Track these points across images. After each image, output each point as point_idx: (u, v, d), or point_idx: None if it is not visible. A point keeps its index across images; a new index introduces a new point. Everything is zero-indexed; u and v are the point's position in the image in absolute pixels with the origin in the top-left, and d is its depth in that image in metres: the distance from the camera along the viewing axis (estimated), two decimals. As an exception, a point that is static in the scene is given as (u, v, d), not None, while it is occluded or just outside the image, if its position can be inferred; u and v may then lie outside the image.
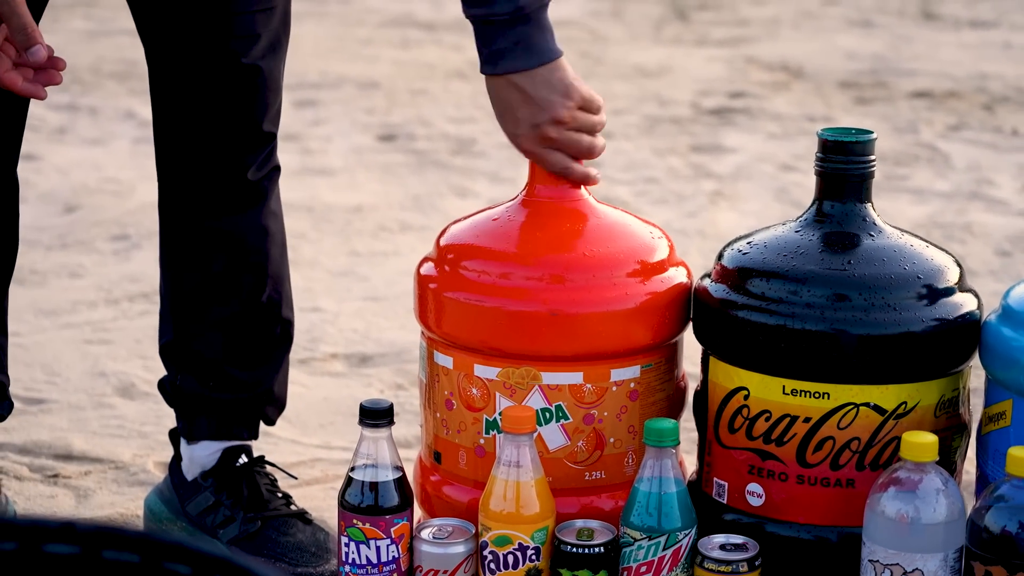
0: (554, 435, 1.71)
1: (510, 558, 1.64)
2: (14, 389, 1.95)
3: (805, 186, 3.59)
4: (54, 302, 2.82)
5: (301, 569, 1.85)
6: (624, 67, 4.77)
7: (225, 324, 1.89)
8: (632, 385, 1.72)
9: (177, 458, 1.95)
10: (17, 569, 0.94)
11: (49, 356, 2.57)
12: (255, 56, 1.80)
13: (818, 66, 4.75)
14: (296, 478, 2.04)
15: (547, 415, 1.70)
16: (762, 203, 3.46)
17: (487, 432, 1.73)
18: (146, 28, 1.83)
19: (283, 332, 1.93)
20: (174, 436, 1.96)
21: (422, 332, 1.79)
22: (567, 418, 1.71)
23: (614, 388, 1.71)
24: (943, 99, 4.36)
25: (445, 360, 1.75)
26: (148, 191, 3.39)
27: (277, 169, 1.90)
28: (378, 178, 3.63)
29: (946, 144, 3.92)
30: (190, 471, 1.93)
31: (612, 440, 1.73)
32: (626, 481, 1.70)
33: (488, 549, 1.65)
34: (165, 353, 1.93)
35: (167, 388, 1.94)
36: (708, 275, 1.75)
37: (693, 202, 3.46)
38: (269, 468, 1.95)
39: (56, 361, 2.55)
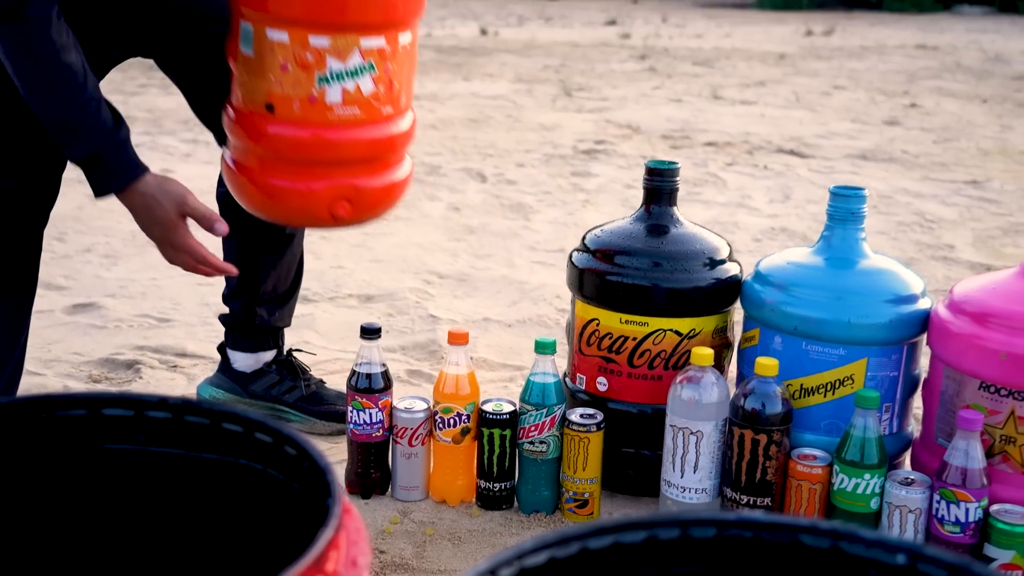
0: (367, 84, 1.41)
1: (451, 420, 1.60)
2: (154, 312, 1.88)
3: (640, 198, 3.55)
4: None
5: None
6: (533, 124, 4.70)
7: (280, 296, 1.83)
8: (408, 47, 1.45)
9: (226, 362, 1.86)
10: (129, 427, 0.90)
11: (174, 293, 2.50)
12: None
13: (649, 125, 4.70)
14: (316, 355, 2.02)
15: (362, 69, 1.40)
16: (613, 208, 3.41)
17: (319, 85, 1.39)
18: (196, 102, 1.67)
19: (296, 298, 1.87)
20: (222, 348, 1.86)
21: (244, 14, 1.41)
22: (375, 71, 1.42)
23: (400, 49, 1.44)
24: (723, 147, 4.32)
25: (280, 35, 1.38)
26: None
27: None
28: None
29: (724, 174, 3.89)
30: (253, 366, 1.84)
31: (396, 84, 1.45)
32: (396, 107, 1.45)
33: (438, 416, 1.61)
34: (243, 309, 1.82)
35: (239, 323, 1.83)
36: (577, 249, 1.70)
37: (572, 206, 3.42)
38: (295, 354, 1.90)
39: (178, 295, 2.48)
